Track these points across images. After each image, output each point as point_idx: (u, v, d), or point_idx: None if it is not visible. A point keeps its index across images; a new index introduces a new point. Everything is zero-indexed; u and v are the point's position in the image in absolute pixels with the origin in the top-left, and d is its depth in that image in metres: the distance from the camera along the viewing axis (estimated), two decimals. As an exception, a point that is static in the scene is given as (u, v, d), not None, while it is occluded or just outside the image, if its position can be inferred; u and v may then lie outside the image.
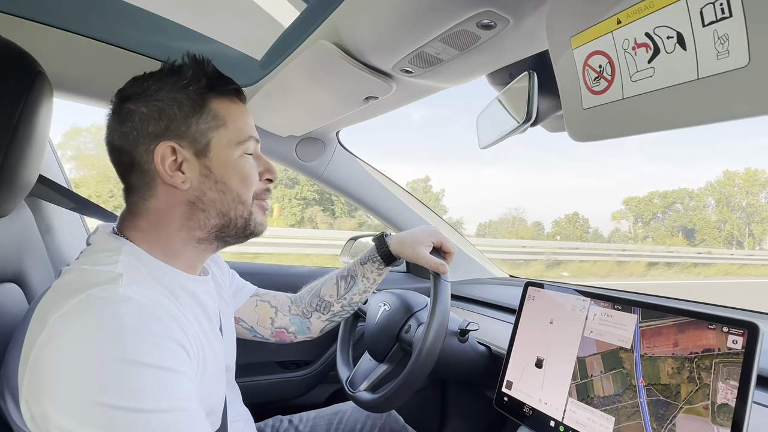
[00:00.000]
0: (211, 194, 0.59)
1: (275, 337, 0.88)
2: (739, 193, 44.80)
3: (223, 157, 0.59)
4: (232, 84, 0.62)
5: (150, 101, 0.56)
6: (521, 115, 0.76)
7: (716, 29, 0.39)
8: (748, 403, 0.49)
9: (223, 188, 0.59)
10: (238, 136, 0.60)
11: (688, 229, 44.92)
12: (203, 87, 0.58)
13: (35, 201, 0.93)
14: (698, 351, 0.55)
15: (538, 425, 0.71)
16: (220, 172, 0.59)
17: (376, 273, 0.87)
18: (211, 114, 0.58)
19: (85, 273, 0.50)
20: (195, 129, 0.57)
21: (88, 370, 0.41)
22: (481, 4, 0.56)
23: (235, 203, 0.60)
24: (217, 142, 0.59)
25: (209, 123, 0.58)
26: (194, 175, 0.57)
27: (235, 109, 0.61)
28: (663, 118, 0.46)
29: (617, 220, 48.16)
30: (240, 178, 0.60)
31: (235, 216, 0.61)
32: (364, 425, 0.96)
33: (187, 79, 0.58)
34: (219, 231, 0.61)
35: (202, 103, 0.58)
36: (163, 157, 0.55)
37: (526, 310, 0.81)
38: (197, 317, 0.58)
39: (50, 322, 0.43)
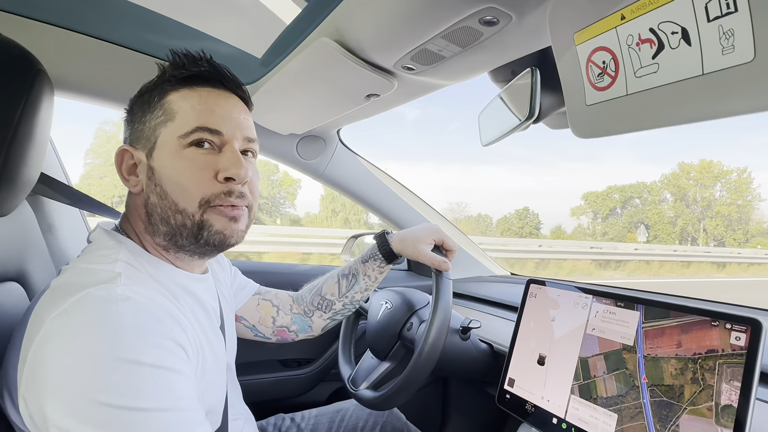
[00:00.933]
0: (153, 198, 0.54)
1: (277, 336, 0.88)
2: (693, 186, 42.57)
3: (163, 155, 0.54)
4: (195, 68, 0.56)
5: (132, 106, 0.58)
6: (524, 112, 0.76)
7: (721, 24, 0.39)
8: (751, 400, 0.49)
9: (160, 192, 0.54)
10: (182, 127, 0.53)
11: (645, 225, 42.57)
12: (165, 80, 0.56)
13: (37, 199, 0.93)
14: (702, 352, 0.55)
15: (540, 422, 0.71)
16: (159, 173, 0.54)
17: (378, 271, 0.87)
18: (162, 108, 0.54)
19: (83, 272, 0.49)
20: (147, 126, 0.55)
21: (86, 369, 0.40)
22: (483, 1, 0.56)
23: (172, 211, 0.53)
24: (163, 138, 0.54)
25: (159, 118, 0.54)
26: (144, 177, 0.55)
27: (192, 98, 0.55)
28: (667, 114, 0.46)
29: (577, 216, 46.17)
30: (176, 181, 0.53)
31: (176, 225, 0.54)
32: (366, 423, 0.96)
33: (157, 76, 0.57)
34: (172, 239, 0.55)
35: (158, 98, 0.55)
36: (121, 161, 0.56)
37: (527, 307, 0.81)
38: (197, 316, 0.58)
39: (48, 321, 0.43)
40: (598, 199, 45.13)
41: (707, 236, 40.80)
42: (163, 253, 0.58)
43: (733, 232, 40.21)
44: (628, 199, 44.12)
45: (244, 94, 0.61)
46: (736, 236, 39.80)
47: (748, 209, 41.09)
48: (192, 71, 0.56)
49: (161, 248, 0.57)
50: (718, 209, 40.95)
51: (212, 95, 0.56)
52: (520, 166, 76.57)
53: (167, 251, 0.58)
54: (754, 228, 41.14)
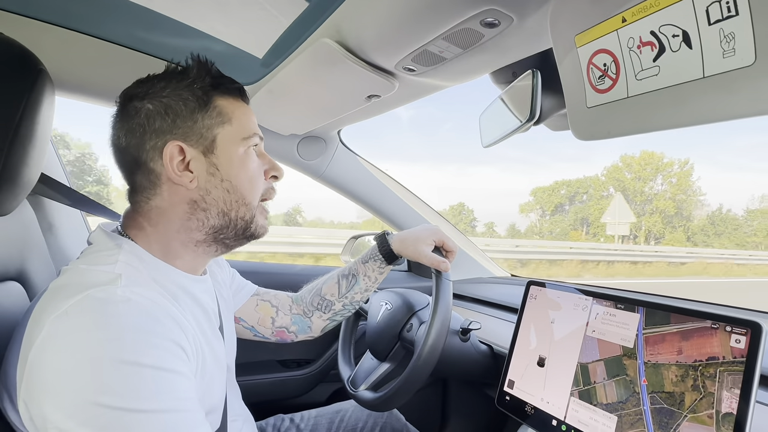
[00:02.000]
0: (215, 192, 0.58)
1: (276, 336, 0.88)
2: (632, 179, 38.55)
3: (228, 153, 0.59)
4: (236, 83, 0.62)
5: (156, 98, 0.56)
6: (524, 114, 0.76)
7: (722, 28, 0.39)
8: (751, 403, 0.49)
9: (228, 186, 0.59)
10: (243, 132, 0.60)
11: (589, 222, 39.12)
12: (208, 85, 0.58)
13: (37, 199, 0.93)
14: (703, 359, 0.55)
15: (540, 424, 0.71)
16: (226, 170, 0.58)
17: (378, 272, 0.87)
18: (216, 110, 0.58)
19: (83, 273, 0.49)
20: (201, 125, 0.57)
21: (86, 370, 0.40)
22: (485, 3, 0.56)
23: (238, 204, 0.59)
24: (223, 138, 0.58)
25: (214, 119, 0.58)
26: (201, 173, 0.57)
27: (238, 107, 0.61)
28: (668, 117, 0.46)
29: (525, 213, 42.56)
30: (246, 176, 0.60)
31: (236, 217, 0.60)
32: (366, 424, 0.96)
33: (192, 77, 0.58)
34: (217, 232, 0.60)
35: (207, 99, 0.58)
36: (172, 157, 0.55)
37: (528, 309, 0.81)
38: (196, 317, 0.58)
39: (48, 323, 0.43)
40: (545, 195, 41.75)
41: (647, 234, 37.45)
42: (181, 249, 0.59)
43: (673, 230, 37.24)
44: (575, 195, 41.13)
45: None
46: (676, 235, 36.70)
47: (689, 204, 37.91)
48: (236, 86, 0.61)
49: (192, 243, 0.59)
50: (657, 204, 37.73)
51: (245, 107, 0.63)
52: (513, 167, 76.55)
53: (197, 246, 0.60)
54: (696, 225, 37.87)
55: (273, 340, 0.89)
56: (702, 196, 38.46)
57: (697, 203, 38.72)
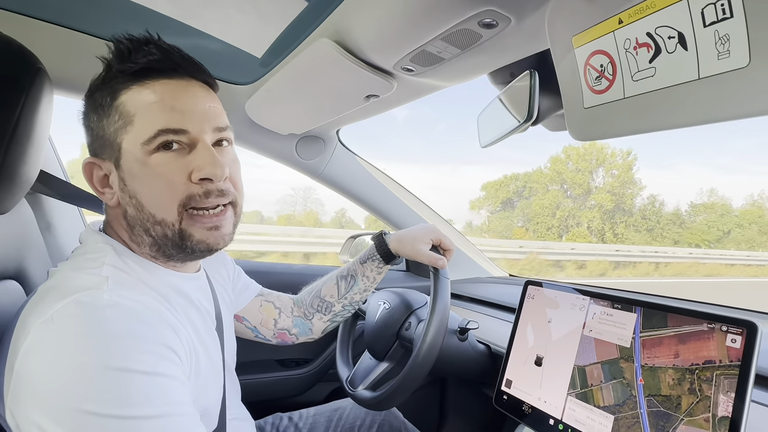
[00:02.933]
0: (130, 211, 0.51)
1: (277, 338, 0.88)
2: (572, 171, 35.29)
3: (131, 164, 0.50)
4: (143, 58, 0.50)
5: (84, 108, 0.54)
6: (522, 114, 0.76)
7: (717, 29, 0.39)
8: (746, 402, 0.49)
9: (136, 204, 0.50)
10: (143, 133, 0.49)
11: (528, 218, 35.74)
12: (112, 76, 0.51)
13: (35, 197, 0.93)
14: (699, 362, 0.55)
15: (537, 423, 0.71)
16: (131, 184, 0.50)
17: (376, 272, 0.87)
18: (117, 111, 0.50)
19: (70, 277, 0.47)
20: (108, 132, 0.50)
21: (73, 378, 0.39)
22: (482, 3, 0.56)
23: (150, 222, 0.50)
24: (126, 146, 0.50)
25: (116, 123, 0.50)
26: (117, 189, 0.52)
27: (146, 97, 0.49)
28: (664, 118, 0.46)
29: (476, 210, 39.13)
30: (149, 191, 0.50)
31: (158, 236, 0.51)
32: (364, 422, 0.96)
33: (103, 72, 0.52)
34: (159, 250, 0.53)
35: (111, 99, 0.50)
36: (90, 174, 0.53)
37: (525, 308, 0.82)
38: (189, 317, 0.56)
39: (34, 329, 0.42)
40: (493, 190, 39.00)
41: (587, 231, 34.05)
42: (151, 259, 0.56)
43: (613, 225, 34.00)
44: (523, 189, 37.96)
45: (206, 77, 0.55)
46: (617, 230, 33.53)
47: (629, 199, 34.51)
48: (140, 63, 0.49)
49: (149, 256, 0.55)
50: (594, 197, 34.55)
51: (168, 88, 0.50)
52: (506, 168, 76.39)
53: (156, 258, 0.56)
54: (642, 222, 34.20)
55: (274, 341, 0.89)
56: (641, 189, 35.11)
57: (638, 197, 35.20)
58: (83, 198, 0.87)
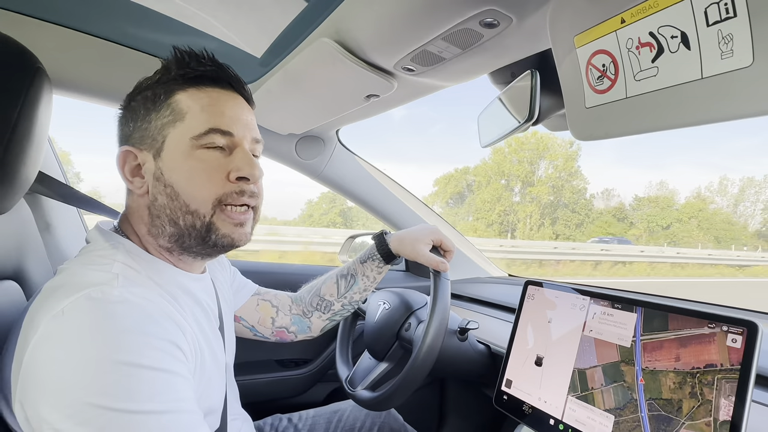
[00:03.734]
0: (161, 200, 0.54)
1: (276, 336, 0.88)
2: (511, 163, 33.16)
3: (174, 156, 0.54)
4: (205, 67, 0.56)
5: (129, 102, 0.57)
6: (523, 114, 0.76)
7: (720, 29, 0.39)
8: (747, 402, 0.49)
9: (171, 193, 0.54)
10: (194, 129, 0.54)
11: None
12: (170, 78, 0.55)
13: (34, 198, 0.93)
14: (700, 366, 0.55)
15: (537, 423, 0.71)
16: (169, 174, 0.54)
17: (376, 271, 0.87)
18: (170, 107, 0.54)
19: (80, 273, 0.49)
20: (154, 126, 0.54)
21: (82, 371, 0.40)
22: (484, 3, 0.56)
23: (182, 212, 0.54)
24: (172, 139, 0.54)
25: (166, 118, 0.54)
26: (150, 178, 0.55)
27: (202, 99, 0.55)
28: (666, 117, 0.46)
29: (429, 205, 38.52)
30: (188, 182, 0.53)
31: (185, 226, 0.54)
32: (363, 424, 0.96)
33: (159, 72, 0.56)
34: (177, 240, 0.56)
35: (165, 96, 0.54)
36: (124, 162, 0.55)
37: (525, 308, 0.81)
38: (196, 317, 0.57)
39: (44, 324, 0.42)
40: (443, 184, 37.20)
41: (524, 226, 31.97)
42: (165, 254, 0.58)
43: (554, 220, 31.96)
44: (473, 182, 36.46)
45: (248, 94, 0.61)
46: (556, 229, 31.62)
47: (569, 193, 32.22)
48: (200, 71, 0.55)
49: (164, 250, 0.57)
50: (531, 190, 32.25)
51: (222, 96, 0.56)
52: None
53: (170, 253, 0.58)
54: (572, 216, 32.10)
55: (273, 339, 0.89)
56: (587, 184, 33.14)
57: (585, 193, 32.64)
58: (81, 199, 0.86)
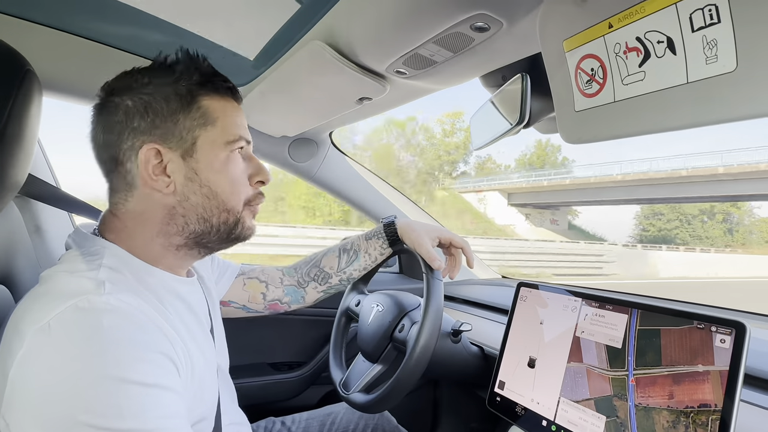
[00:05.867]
0: (194, 198, 0.56)
1: (269, 309, 0.88)
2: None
3: (209, 158, 0.56)
4: (227, 82, 0.59)
5: (136, 95, 0.54)
6: (514, 117, 0.77)
7: (705, 35, 0.40)
8: (736, 401, 0.50)
9: (207, 192, 0.56)
10: (227, 135, 0.57)
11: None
12: (194, 83, 0.56)
13: (24, 201, 0.92)
14: (694, 405, 0.53)
15: (530, 425, 0.71)
16: (206, 175, 0.56)
17: (379, 251, 0.88)
18: (200, 111, 0.55)
19: (65, 281, 0.47)
20: (182, 126, 0.54)
21: (69, 388, 0.39)
22: (474, 7, 0.57)
23: (219, 210, 0.57)
24: (204, 141, 0.56)
25: (197, 120, 0.55)
26: (179, 178, 0.55)
27: (227, 107, 0.58)
28: (653, 121, 0.47)
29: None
30: (227, 182, 0.57)
31: (218, 223, 0.58)
32: (357, 426, 0.95)
33: (178, 73, 0.55)
34: (199, 237, 0.57)
35: (191, 98, 0.55)
36: (147, 160, 0.53)
37: (518, 310, 0.82)
38: (185, 321, 0.56)
39: (29, 336, 0.41)
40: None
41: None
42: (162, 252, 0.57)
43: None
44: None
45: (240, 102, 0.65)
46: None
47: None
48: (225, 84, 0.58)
49: (173, 247, 0.57)
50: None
51: (236, 107, 0.60)
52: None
53: (177, 249, 0.57)
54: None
55: (266, 313, 0.89)
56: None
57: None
58: (72, 202, 0.86)
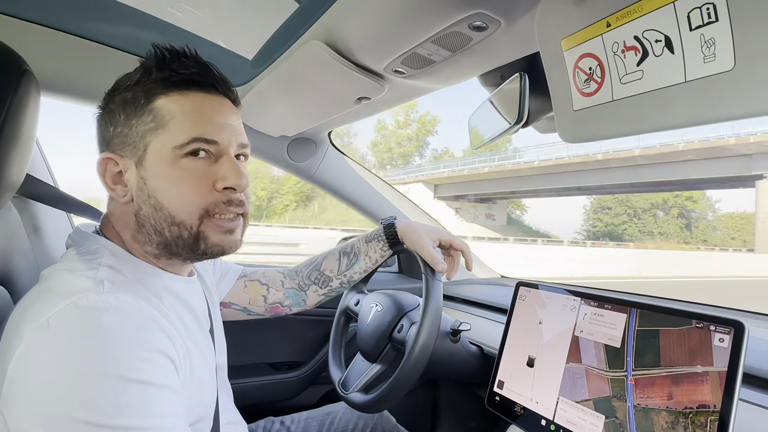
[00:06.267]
0: (145, 210, 0.52)
1: (270, 312, 0.88)
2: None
3: (156, 165, 0.52)
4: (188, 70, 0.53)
5: (107, 104, 0.54)
6: (513, 116, 0.77)
7: (703, 33, 0.40)
8: (734, 402, 0.50)
9: (155, 204, 0.52)
10: (177, 138, 0.51)
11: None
12: (151, 81, 0.52)
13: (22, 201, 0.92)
14: (693, 406, 0.53)
15: (529, 424, 0.71)
16: (152, 185, 0.52)
17: (379, 254, 0.87)
18: (152, 114, 0.52)
19: (65, 279, 0.47)
20: (135, 132, 0.52)
21: (67, 385, 0.39)
22: (472, 6, 0.57)
23: (167, 223, 0.52)
24: (154, 147, 0.52)
25: (148, 125, 0.52)
26: (133, 187, 0.53)
27: (185, 105, 0.52)
28: (651, 120, 0.47)
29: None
30: (173, 193, 0.52)
31: (171, 236, 0.52)
32: (356, 426, 0.95)
33: (139, 74, 0.53)
34: (165, 248, 0.54)
35: (145, 101, 0.52)
36: (104, 169, 0.53)
37: (517, 310, 0.82)
38: (183, 320, 0.56)
39: (28, 334, 0.41)
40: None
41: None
42: (152, 259, 0.56)
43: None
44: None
45: (234, 96, 0.59)
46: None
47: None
48: (183, 74, 0.53)
49: (151, 255, 0.56)
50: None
51: (206, 101, 0.54)
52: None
53: (158, 258, 0.56)
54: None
55: (267, 315, 0.89)
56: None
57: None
58: (70, 202, 0.86)
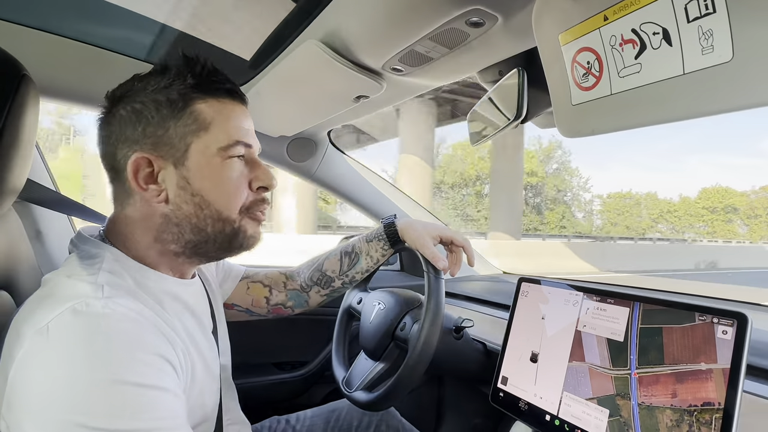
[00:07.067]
0: (187, 208, 0.54)
1: (273, 313, 0.88)
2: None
3: (201, 165, 0.54)
4: (224, 83, 0.57)
5: (130, 104, 0.54)
6: (512, 112, 0.77)
7: (701, 25, 0.40)
8: (738, 396, 0.50)
9: (200, 202, 0.54)
10: (221, 140, 0.55)
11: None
12: (187, 86, 0.54)
13: (23, 206, 0.92)
14: (698, 404, 0.53)
15: (533, 420, 0.71)
16: (198, 184, 0.54)
17: (380, 253, 0.87)
18: (192, 116, 0.54)
19: (65, 284, 0.48)
20: (173, 133, 0.53)
21: (67, 389, 0.39)
22: (469, 2, 0.57)
23: (212, 219, 0.55)
24: (197, 148, 0.54)
25: (189, 126, 0.53)
26: (171, 186, 0.54)
27: (223, 111, 0.56)
28: (650, 113, 0.47)
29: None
30: (220, 191, 0.55)
31: (213, 232, 0.56)
32: (361, 422, 0.96)
33: (171, 78, 0.54)
34: (195, 246, 0.56)
35: (183, 104, 0.54)
36: (137, 169, 0.53)
37: (519, 305, 0.82)
38: (185, 324, 0.56)
39: (29, 339, 0.42)
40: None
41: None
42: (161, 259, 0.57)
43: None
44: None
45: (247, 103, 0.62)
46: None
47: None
48: (225, 86, 0.56)
49: (167, 254, 0.56)
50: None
51: (237, 109, 0.58)
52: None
53: (176, 257, 0.57)
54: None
55: (270, 317, 0.89)
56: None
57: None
58: (71, 206, 0.86)
